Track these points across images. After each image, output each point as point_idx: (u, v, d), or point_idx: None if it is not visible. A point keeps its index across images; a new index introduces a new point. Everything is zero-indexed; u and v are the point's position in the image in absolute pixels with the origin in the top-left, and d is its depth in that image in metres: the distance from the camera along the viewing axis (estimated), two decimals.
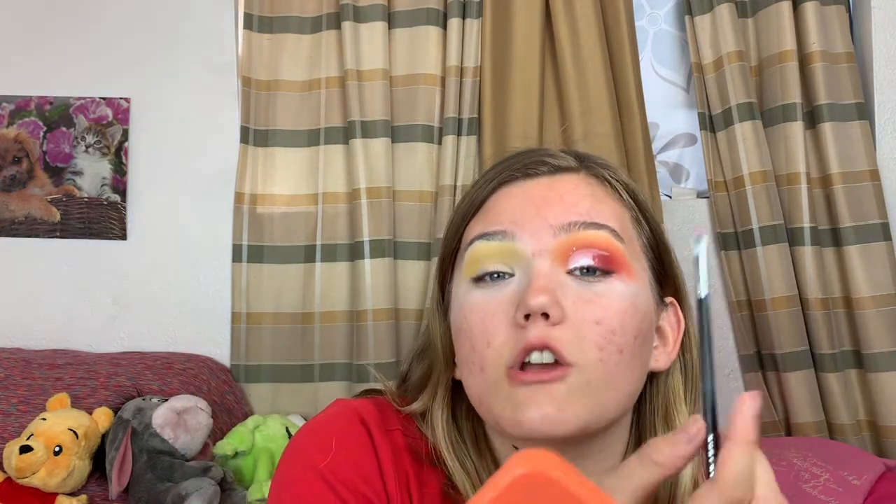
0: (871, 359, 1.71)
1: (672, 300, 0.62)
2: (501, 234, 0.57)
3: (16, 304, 1.95)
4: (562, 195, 0.58)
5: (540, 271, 0.55)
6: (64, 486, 1.47)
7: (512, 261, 0.56)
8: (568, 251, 0.55)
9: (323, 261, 1.86)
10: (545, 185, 0.59)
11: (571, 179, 0.60)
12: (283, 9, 1.94)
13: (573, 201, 0.57)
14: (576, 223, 0.56)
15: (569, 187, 0.59)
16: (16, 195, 1.97)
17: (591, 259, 0.55)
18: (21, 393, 1.63)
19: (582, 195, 0.58)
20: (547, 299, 0.52)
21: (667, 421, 0.60)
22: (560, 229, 0.56)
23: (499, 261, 0.56)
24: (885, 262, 1.73)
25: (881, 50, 1.85)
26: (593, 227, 0.56)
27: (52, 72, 1.99)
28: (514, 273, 0.56)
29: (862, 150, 1.78)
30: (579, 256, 0.55)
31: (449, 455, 0.60)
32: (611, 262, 0.56)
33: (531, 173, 0.60)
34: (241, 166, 1.90)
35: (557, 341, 0.53)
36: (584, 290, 0.55)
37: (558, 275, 0.55)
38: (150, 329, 1.93)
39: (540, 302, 0.52)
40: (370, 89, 1.85)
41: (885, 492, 1.39)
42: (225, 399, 1.76)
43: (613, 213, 0.58)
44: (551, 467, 0.32)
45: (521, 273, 0.56)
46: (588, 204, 0.57)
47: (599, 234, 0.56)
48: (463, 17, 1.85)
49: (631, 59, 1.83)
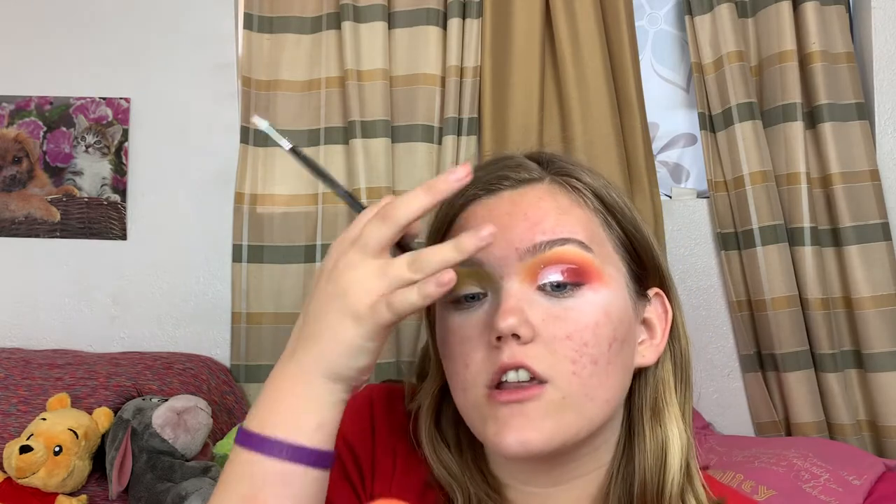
0: (871, 359, 1.71)
1: (658, 291, 0.63)
2: (469, 259, 0.57)
3: (16, 304, 1.95)
4: (525, 212, 0.58)
5: (509, 292, 0.55)
6: (64, 486, 1.48)
7: (484, 282, 0.57)
8: (536, 270, 0.56)
9: (323, 261, 1.86)
10: (508, 201, 0.59)
11: (535, 192, 0.59)
12: (283, 9, 1.95)
13: (537, 218, 0.57)
14: (541, 244, 0.56)
15: (532, 201, 0.58)
16: (16, 195, 1.97)
17: (560, 274, 0.56)
18: (21, 393, 1.63)
19: (546, 209, 0.58)
20: (515, 320, 0.53)
21: (655, 413, 0.61)
22: (526, 252, 0.56)
23: (471, 284, 0.57)
24: (885, 262, 1.73)
25: (881, 50, 1.85)
26: (559, 242, 0.56)
27: (52, 72, 1.99)
28: (487, 294, 0.57)
29: (862, 150, 1.78)
30: (548, 273, 0.56)
31: (431, 455, 0.62)
32: (580, 275, 0.56)
33: (494, 189, 0.60)
34: (241, 166, 1.90)
35: (530, 359, 0.54)
36: (554, 305, 0.56)
37: (528, 293, 0.56)
38: (150, 329, 1.93)
39: (509, 324, 0.53)
40: (370, 89, 1.85)
41: (885, 492, 1.39)
42: (225, 399, 1.76)
43: (580, 221, 0.58)
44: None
45: (492, 294, 0.57)
46: (553, 218, 0.57)
47: (566, 248, 0.56)
48: (463, 17, 1.86)
49: (631, 59, 1.83)
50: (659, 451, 0.60)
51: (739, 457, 1.51)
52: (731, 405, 1.85)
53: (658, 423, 0.61)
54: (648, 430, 0.61)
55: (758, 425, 1.81)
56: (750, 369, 1.82)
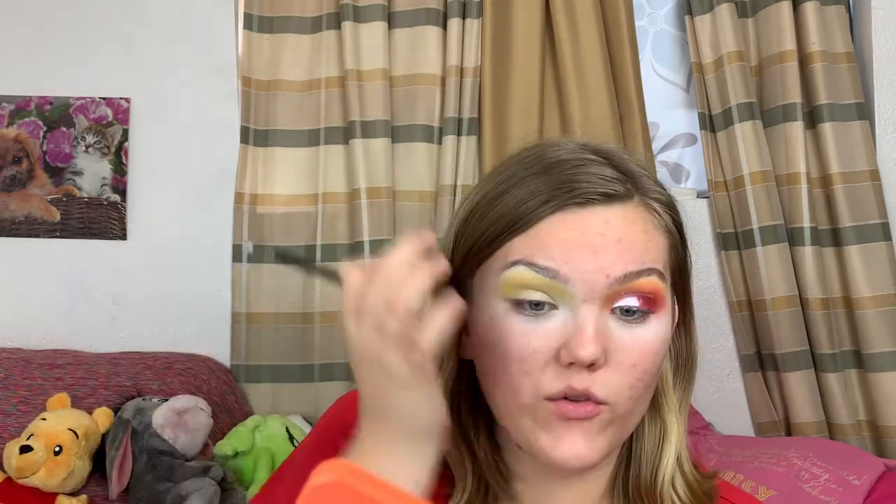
0: (871, 359, 1.71)
1: None
2: (553, 272, 0.55)
3: (16, 304, 1.95)
4: (619, 236, 0.56)
5: (588, 317, 0.55)
6: (64, 487, 1.47)
7: (558, 297, 0.56)
8: (616, 297, 0.56)
9: (323, 261, 1.86)
10: (601, 218, 0.57)
11: (627, 213, 0.58)
12: (283, 9, 1.95)
13: (629, 244, 0.56)
14: (631, 273, 0.56)
15: (624, 224, 0.57)
16: (16, 195, 1.97)
17: (637, 302, 0.56)
18: (21, 393, 1.63)
19: (637, 234, 0.57)
20: (597, 350, 0.53)
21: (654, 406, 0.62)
22: (615, 281, 0.55)
23: (544, 294, 0.56)
24: (885, 262, 1.73)
25: (881, 50, 1.85)
26: (645, 273, 0.56)
27: (52, 72, 1.99)
28: (558, 307, 0.56)
29: (862, 150, 1.78)
30: (625, 299, 0.56)
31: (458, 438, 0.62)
32: (653, 304, 0.56)
33: (585, 203, 0.57)
34: (241, 166, 1.90)
35: (597, 387, 0.55)
36: (625, 333, 0.56)
37: (604, 317, 0.56)
38: (150, 329, 1.93)
39: (591, 353, 0.53)
40: (370, 89, 1.85)
41: (885, 492, 1.39)
42: (225, 399, 1.76)
43: (659, 249, 0.58)
44: (349, 476, 0.33)
45: (566, 311, 0.56)
46: (641, 245, 0.57)
47: (649, 280, 0.56)
48: (463, 17, 1.86)
49: (631, 59, 1.83)
50: (656, 441, 0.62)
51: (739, 457, 1.51)
52: (731, 405, 1.85)
53: (658, 414, 0.63)
54: (647, 420, 0.62)
55: (758, 425, 1.81)
56: (750, 369, 1.82)
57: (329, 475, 0.33)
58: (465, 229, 0.61)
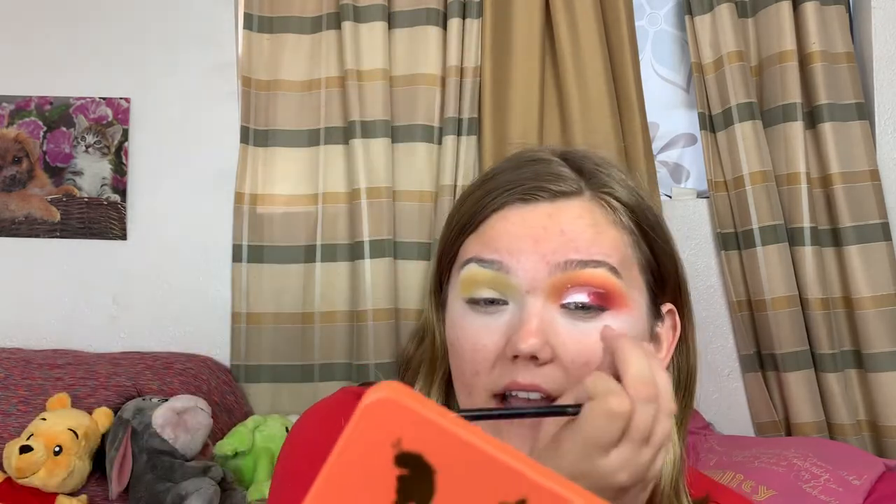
0: (871, 359, 1.71)
1: (671, 308, 0.62)
2: (497, 264, 0.56)
3: (16, 304, 1.95)
4: (562, 228, 0.56)
5: (532, 311, 0.54)
6: (64, 487, 1.47)
7: (506, 291, 0.56)
8: (563, 288, 0.55)
9: (323, 261, 1.86)
10: (545, 213, 0.57)
11: (573, 208, 0.58)
12: (283, 9, 1.94)
13: (573, 235, 0.56)
14: (573, 261, 0.55)
15: (570, 217, 0.57)
16: (16, 195, 1.97)
17: (586, 296, 0.55)
18: (21, 393, 1.63)
19: (583, 226, 0.57)
20: (537, 343, 0.53)
21: None
22: (556, 267, 0.55)
23: (492, 289, 0.56)
24: (885, 262, 1.73)
25: (881, 50, 1.85)
26: (592, 264, 0.55)
27: (52, 72, 1.99)
28: (509, 303, 0.56)
29: (862, 150, 1.78)
30: (574, 293, 0.55)
31: None
32: (605, 300, 0.55)
33: (530, 199, 0.58)
34: (241, 166, 1.90)
35: (545, 382, 0.54)
36: (575, 328, 0.55)
37: (550, 311, 0.55)
38: (150, 329, 1.93)
39: (531, 345, 0.53)
40: (370, 89, 1.85)
41: (885, 492, 1.39)
42: (225, 399, 1.76)
43: (613, 243, 0.57)
44: (403, 396, 0.32)
45: (514, 305, 0.56)
46: (588, 237, 0.56)
47: (597, 272, 0.55)
48: (463, 17, 1.85)
49: (631, 59, 1.83)
50: None
51: (739, 457, 1.51)
52: (731, 405, 1.85)
53: None
54: None
55: (758, 425, 1.81)
56: (750, 369, 1.82)
57: (381, 393, 0.33)
58: (443, 237, 0.63)
